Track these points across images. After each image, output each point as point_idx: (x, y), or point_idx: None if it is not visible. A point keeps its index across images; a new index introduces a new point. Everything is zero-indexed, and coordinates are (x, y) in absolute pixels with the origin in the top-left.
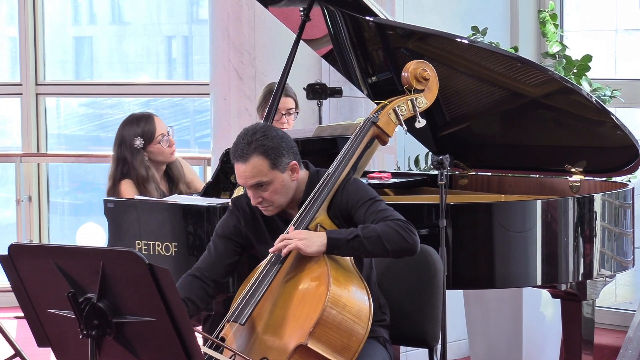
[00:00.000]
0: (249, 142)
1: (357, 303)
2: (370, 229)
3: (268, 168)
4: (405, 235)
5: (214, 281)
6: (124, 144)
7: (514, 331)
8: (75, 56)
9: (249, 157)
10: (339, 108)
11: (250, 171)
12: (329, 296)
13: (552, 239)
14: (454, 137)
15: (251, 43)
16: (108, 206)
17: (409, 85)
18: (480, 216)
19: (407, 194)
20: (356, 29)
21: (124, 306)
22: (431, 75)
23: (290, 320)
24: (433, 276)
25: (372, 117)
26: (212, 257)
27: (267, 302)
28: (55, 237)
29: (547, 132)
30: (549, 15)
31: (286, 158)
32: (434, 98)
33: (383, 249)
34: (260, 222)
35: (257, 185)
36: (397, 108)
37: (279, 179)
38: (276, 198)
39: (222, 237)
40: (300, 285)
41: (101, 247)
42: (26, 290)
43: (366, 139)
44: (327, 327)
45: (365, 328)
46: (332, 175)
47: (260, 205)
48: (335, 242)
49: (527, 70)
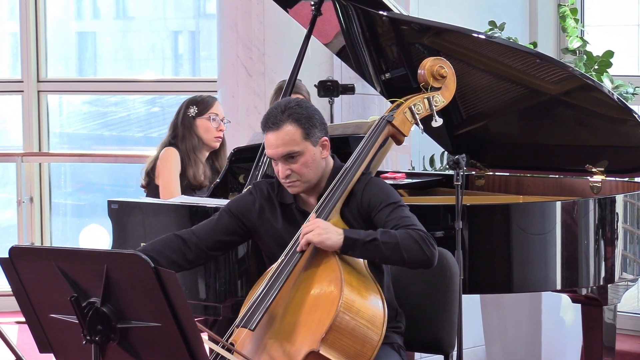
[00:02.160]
0: (282, 110)
1: (370, 308)
2: (390, 235)
3: (301, 137)
4: (425, 248)
5: (200, 249)
6: (180, 112)
7: (533, 337)
8: (78, 52)
9: (282, 125)
10: (351, 106)
11: (282, 139)
12: (342, 301)
13: (572, 241)
14: (471, 136)
15: (260, 38)
16: (112, 207)
17: (425, 82)
18: (497, 218)
19: (421, 194)
20: (369, 24)
21: (128, 311)
22: (449, 73)
23: (301, 326)
24: (449, 280)
25: (387, 116)
26: (211, 225)
27: (278, 307)
28: (57, 240)
29: (567, 131)
30: (569, 10)
31: (319, 131)
32: (452, 96)
33: (400, 257)
34: (277, 210)
35: (287, 156)
36: (413, 106)
37: (310, 151)
38: (306, 172)
39: (229, 213)
40: (312, 289)
41: (105, 250)
42: (27, 294)
43: (381, 138)
44: (339, 333)
45: (379, 334)
46: (346, 176)
47: (287, 180)
48: (352, 242)
49: (547, 67)
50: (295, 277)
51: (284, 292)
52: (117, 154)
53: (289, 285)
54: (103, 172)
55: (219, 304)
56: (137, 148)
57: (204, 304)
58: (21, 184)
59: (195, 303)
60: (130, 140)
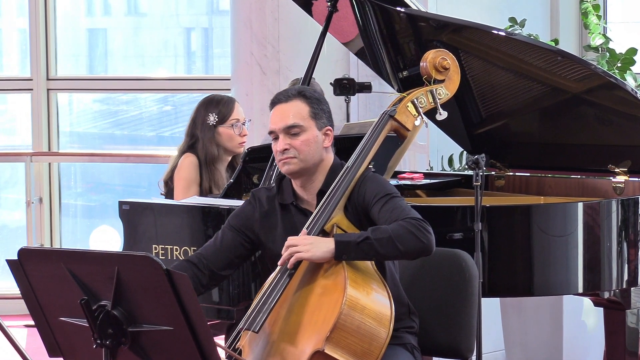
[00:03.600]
0: (296, 89)
1: (376, 306)
2: (381, 230)
3: (307, 114)
4: (419, 235)
5: (212, 271)
6: (198, 119)
7: (554, 342)
8: (88, 49)
9: (291, 99)
10: (368, 104)
11: (289, 110)
12: (346, 299)
13: (595, 243)
14: (490, 135)
15: (275, 35)
16: (123, 208)
17: (428, 75)
18: (518, 219)
19: (440, 195)
20: (386, 21)
21: (140, 314)
22: (451, 64)
23: (306, 325)
24: (467, 283)
25: (390, 110)
26: (217, 245)
27: (282, 308)
28: (67, 241)
29: (589, 130)
30: (591, 6)
31: (326, 119)
32: (456, 88)
33: (395, 250)
34: (277, 216)
35: (290, 130)
36: (415, 100)
37: (313, 132)
38: (305, 150)
39: (232, 229)
40: (316, 289)
41: (116, 252)
42: (37, 297)
43: (383, 133)
44: (345, 332)
45: (386, 332)
46: (349, 172)
47: (284, 155)
48: (343, 246)
49: (568, 65)
50: (300, 276)
51: (288, 292)
52: (129, 153)
53: (293, 285)
54: (114, 172)
55: (232, 308)
56: (149, 147)
57: (217, 307)
58: (30, 184)
59: (208, 306)
60: (141, 139)
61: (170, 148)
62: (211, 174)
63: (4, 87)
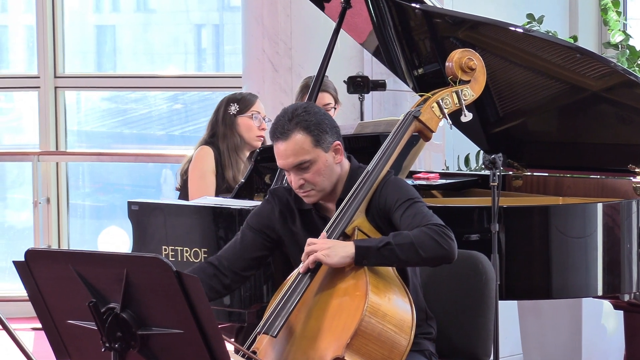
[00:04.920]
0: (289, 118)
1: (398, 312)
2: (403, 236)
3: (311, 145)
4: (441, 241)
5: (233, 273)
6: (220, 110)
7: (573, 345)
8: (97, 46)
9: (290, 134)
10: (382, 103)
11: (292, 149)
12: (367, 305)
13: (614, 245)
14: (508, 134)
15: (287, 32)
16: (132, 209)
17: (453, 76)
18: (535, 220)
19: (456, 196)
20: (401, 17)
21: (149, 317)
22: (478, 65)
23: (325, 331)
24: (484, 285)
25: (414, 111)
26: (237, 247)
27: (301, 312)
28: (75, 242)
29: (609, 129)
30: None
31: (329, 136)
32: (481, 90)
33: (417, 256)
34: (296, 217)
35: (299, 167)
36: (440, 101)
37: (322, 158)
38: (319, 180)
39: (251, 229)
40: (336, 293)
41: (125, 253)
42: (44, 299)
43: (407, 134)
44: (365, 339)
45: (407, 339)
46: (371, 175)
47: (301, 190)
48: (364, 252)
49: (587, 62)
50: (320, 280)
51: (307, 296)
52: (138, 152)
53: (312, 288)
54: (123, 172)
55: (244, 310)
56: (158, 147)
57: (229, 310)
58: (37, 184)
59: (219, 309)
60: (151, 138)
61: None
62: (234, 163)
63: (10, 85)
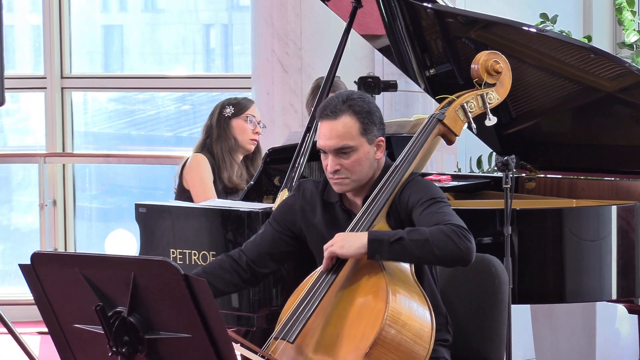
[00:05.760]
0: (343, 100)
1: (418, 321)
2: (419, 232)
3: (358, 132)
4: (458, 241)
5: (251, 268)
6: (215, 113)
7: (587, 350)
8: (104, 47)
9: (340, 115)
10: (394, 103)
11: (338, 130)
12: (388, 313)
13: (629, 248)
14: (521, 135)
15: (297, 32)
16: (140, 211)
17: (479, 78)
18: (549, 223)
19: (468, 198)
20: (413, 17)
21: (157, 321)
22: (504, 68)
23: (344, 339)
24: (497, 289)
25: (438, 114)
26: (257, 240)
27: (319, 319)
28: (82, 245)
29: (624, 130)
30: (625, 2)
31: (377, 130)
32: (507, 93)
33: (431, 254)
34: (317, 210)
35: (339, 150)
36: (465, 104)
37: (365, 148)
38: (357, 169)
39: (273, 222)
40: (356, 300)
41: (132, 256)
42: (50, 303)
43: (431, 138)
44: (384, 348)
45: (427, 349)
46: (393, 179)
47: (335, 176)
48: (377, 244)
49: (602, 62)
50: (338, 285)
51: (325, 301)
52: (145, 154)
53: (331, 294)
54: (130, 174)
55: (252, 314)
56: (166, 148)
57: (237, 314)
58: (44, 187)
59: (228, 313)
60: (159, 140)
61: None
62: (229, 165)
63: (16, 86)
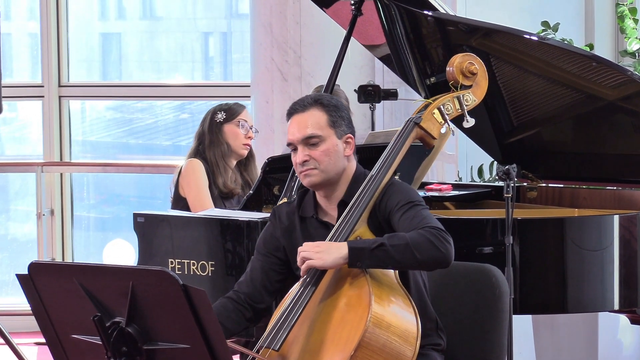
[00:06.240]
0: (313, 97)
1: (402, 323)
2: (398, 237)
3: (326, 123)
4: (438, 244)
5: (251, 304)
6: (207, 119)
7: None
8: (102, 55)
9: (309, 108)
10: (394, 112)
11: (307, 120)
12: (371, 316)
13: (631, 258)
14: (522, 144)
15: (296, 40)
16: (138, 221)
17: (454, 81)
18: (550, 232)
19: (469, 207)
20: (413, 25)
21: (155, 331)
22: (479, 69)
23: (328, 343)
24: (498, 299)
25: (415, 118)
26: (249, 277)
27: (304, 325)
28: (79, 255)
29: (626, 139)
30: (627, 10)
31: (345, 126)
32: (484, 94)
33: (412, 258)
34: (297, 232)
35: (308, 141)
36: (442, 107)
37: (333, 140)
38: (325, 160)
39: (260, 254)
40: (339, 305)
41: (130, 266)
42: (48, 313)
43: (408, 142)
44: (369, 350)
45: (412, 350)
46: (372, 184)
47: (303, 167)
48: (357, 252)
49: (604, 71)
50: (321, 292)
51: (309, 309)
52: (144, 163)
53: (314, 302)
54: (128, 183)
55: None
56: (165, 157)
57: None
58: (41, 196)
59: None
60: (157, 148)
61: None
62: (223, 171)
63: (14, 94)
